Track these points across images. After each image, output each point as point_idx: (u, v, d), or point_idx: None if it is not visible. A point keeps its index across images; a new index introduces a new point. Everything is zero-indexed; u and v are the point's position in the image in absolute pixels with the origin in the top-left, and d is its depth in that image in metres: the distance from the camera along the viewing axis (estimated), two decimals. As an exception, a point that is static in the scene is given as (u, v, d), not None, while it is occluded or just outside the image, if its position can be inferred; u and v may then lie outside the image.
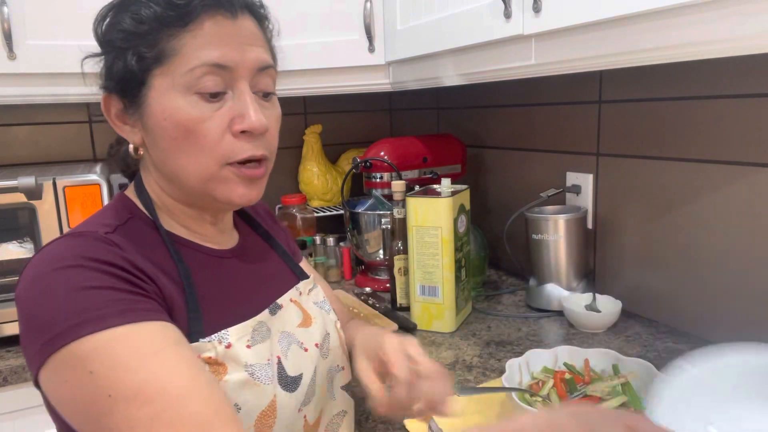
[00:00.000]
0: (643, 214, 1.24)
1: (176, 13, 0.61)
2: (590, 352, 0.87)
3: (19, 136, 1.56)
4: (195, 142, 0.62)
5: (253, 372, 0.63)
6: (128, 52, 0.63)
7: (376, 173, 1.56)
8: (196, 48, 0.61)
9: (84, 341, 0.52)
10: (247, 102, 0.63)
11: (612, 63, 0.87)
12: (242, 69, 0.63)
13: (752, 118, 1.02)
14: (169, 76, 0.62)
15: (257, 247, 0.80)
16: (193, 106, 0.62)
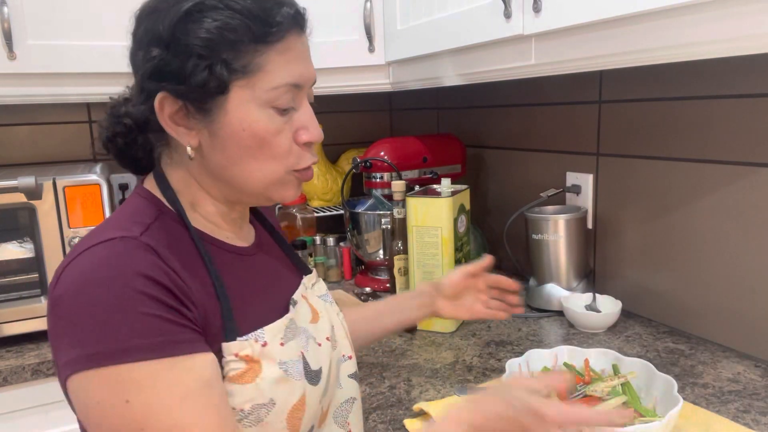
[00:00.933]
0: (643, 214, 1.24)
1: (268, 30, 0.63)
2: (590, 351, 0.87)
3: (19, 136, 1.56)
4: (269, 151, 0.66)
5: (286, 369, 0.65)
6: (213, 60, 0.62)
7: (376, 173, 1.56)
8: (281, 66, 0.64)
9: (127, 368, 0.54)
10: (310, 116, 0.68)
11: (612, 63, 0.87)
12: (307, 86, 0.68)
13: (752, 118, 1.02)
14: (250, 89, 0.63)
15: (268, 242, 0.82)
16: (270, 119, 0.65)
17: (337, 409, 0.78)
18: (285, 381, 0.65)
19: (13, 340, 1.20)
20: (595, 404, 0.76)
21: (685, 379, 0.98)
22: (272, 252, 0.81)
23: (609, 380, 0.80)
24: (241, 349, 0.62)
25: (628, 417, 0.62)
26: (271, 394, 0.63)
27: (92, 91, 1.30)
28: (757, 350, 1.05)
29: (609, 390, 0.77)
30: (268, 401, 0.63)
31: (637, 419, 0.71)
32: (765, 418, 0.85)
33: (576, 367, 0.87)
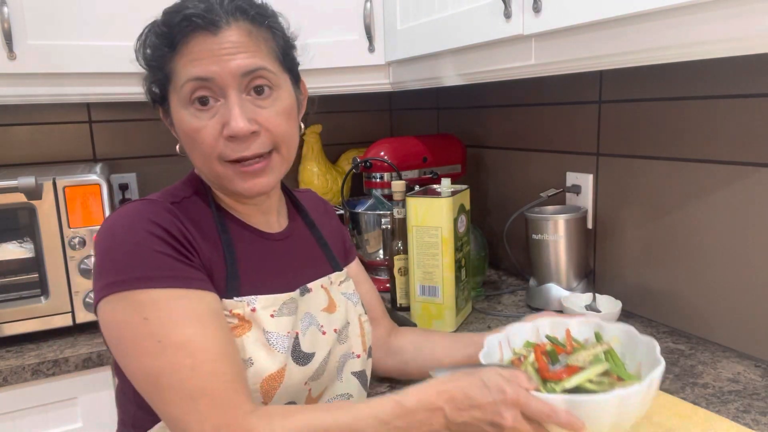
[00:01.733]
0: (643, 214, 1.24)
1: (165, 40, 0.72)
2: (571, 321, 0.83)
3: (19, 136, 1.56)
4: (198, 146, 0.73)
5: (269, 338, 0.73)
6: (151, 74, 0.75)
7: (376, 173, 1.56)
8: (183, 66, 0.72)
9: (145, 292, 0.65)
10: (229, 109, 0.71)
11: (612, 63, 0.87)
12: (226, 78, 0.71)
13: (752, 118, 1.02)
14: (175, 93, 0.73)
15: (302, 234, 0.89)
16: (193, 116, 0.72)
17: (330, 399, 0.83)
18: (267, 348, 0.72)
19: (13, 340, 1.20)
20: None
21: (685, 379, 0.98)
22: (304, 243, 0.88)
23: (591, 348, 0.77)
24: (234, 307, 0.72)
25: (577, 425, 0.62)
26: (251, 353, 0.71)
27: (92, 91, 1.30)
28: (757, 350, 1.05)
29: (591, 358, 0.74)
30: (247, 358, 0.71)
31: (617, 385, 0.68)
32: (765, 418, 0.85)
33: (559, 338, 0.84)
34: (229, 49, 0.71)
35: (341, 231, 0.99)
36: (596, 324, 0.82)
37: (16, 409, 1.13)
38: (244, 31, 0.73)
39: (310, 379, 0.78)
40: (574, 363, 0.73)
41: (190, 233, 0.72)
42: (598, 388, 0.67)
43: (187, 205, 0.76)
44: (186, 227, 0.72)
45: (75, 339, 1.21)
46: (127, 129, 1.65)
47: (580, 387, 0.67)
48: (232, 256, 0.75)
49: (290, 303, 0.77)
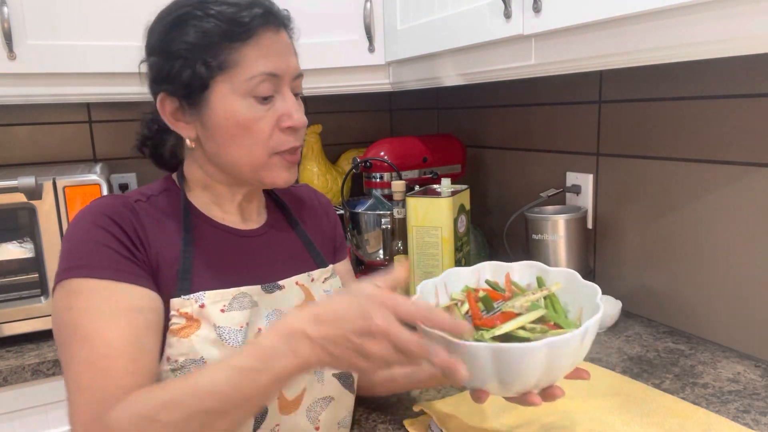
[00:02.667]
0: (643, 214, 1.24)
1: (239, 29, 0.72)
2: (514, 266, 0.78)
3: (19, 136, 1.56)
4: (250, 137, 0.74)
5: (221, 333, 0.72)
6: (194, 61, 0.72)
7: (376, 173, 1.56)
8: (254, 59, 0.72)
9: (78, 281, 0.67)
10: (291, 104, 0.76)
11: (612, 63, 0.87)
12: (287, 76, 0.76)
13: (752, 118, 1.02)
14: (229, 83, 0.72)
15: (281, 230, 0.88)
16: (250, 108, 0.73)
17: (312, 404, 0.80)
18: (219, 345, 0.71)
19: (13, 340, 1.20)
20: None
21: (685, 379, 0.98)
22: (283, 240, 0.87)
23: (530, 294, 0.72)
24: (182, 306, 0.71)
25: (464, 329, 0.58)
26: (203, 352, 0.70)
27: (92, 91, 1.30)
28: (757, 350, 1.05)
29: (528, 304, 0.69)
30: (199, 359, 0.70)
31: (551, 333, 0.63)
32: (765, 418, 0.85)
33: (499, 284, 0.79)
34: (288, 48, 0.77)
35: (334, 228, 0.98)
36: (539, 268, 0.77)
37: (16, 409, 1.13)
38: (288, 36, 0.79)
39: None
40: (509, 309, 0.68)
41: (145, 230, 0.73)
42: (530, 335, 0.63)
43: (155, 202, 0.77)
44: (141, 223, 0.73)
45: (75, 339, 1.21)
46: (127, 129, 1.65)
47: (512, 335, 0.64)
48: (188, 254, 0.75)
49: (241, 297, 0.76)
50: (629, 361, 1.05)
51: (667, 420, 0.84)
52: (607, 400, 0.89)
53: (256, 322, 0.77)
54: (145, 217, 0.74)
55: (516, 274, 0.78)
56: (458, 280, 0.78)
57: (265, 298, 0.79)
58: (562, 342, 0.59)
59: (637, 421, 0.83)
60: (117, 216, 0.71)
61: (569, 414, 0.86)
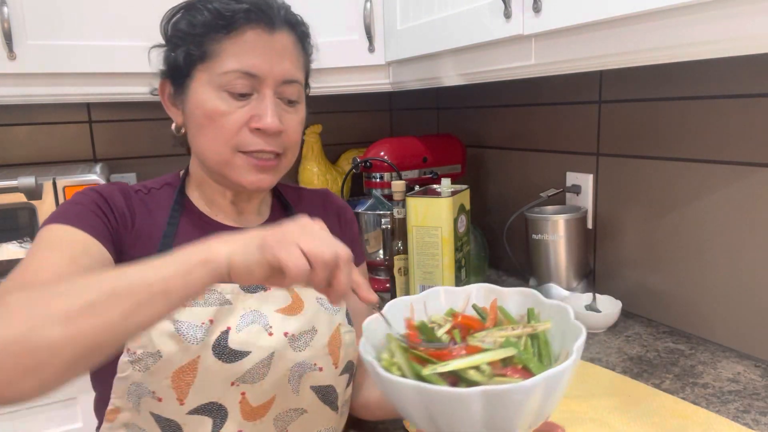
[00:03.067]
0: (643, 214, 1.24)
1: (222, 22, 0.72)
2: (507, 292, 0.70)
3: (19, 136, 1.56)
4: (215, 129, 0.74)
5: (179, 328, 0.71)
6: (181, 48, 0.75)
7: (376, 173, 1.56)
8: (233, 54, 0.73)
9: (47, 226, 0.70)
10: (266, 106, 0.74)
11: (612, 63, 0.87)
12: (269, 79, 0.74)
13: (752, 118, 1.02)
14: (207, 73, 0.74)
15: None
16: (221, 101, 0.73)
17: (281, 413, 0.77)
18: (176, 339, 0.70)
19: (13, 340, 1.20)
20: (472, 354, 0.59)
21: (685, 379, 0.98)
22: None
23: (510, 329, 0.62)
24: None
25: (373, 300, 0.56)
26: (159, 345, 0.70)
27: (92, 91, 1.30)
28: (757, 350, 1.05)
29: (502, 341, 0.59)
30: (155, 351, 0.70)
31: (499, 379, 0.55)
32: (765, 418, 0.85)
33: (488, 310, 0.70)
34: (279, 51, 0.75)
35: (346, 235, 0.93)
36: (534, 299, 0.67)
37: (16, 409, 1.13)
38: (292, 41, 0.77)
39: (240, 381, 0.73)
40: (476, 343, 0.59)
41: (134, 215, 0.76)
42: (480, 378, 0.55)
43: (153, 195, 0.80)
44: (132, 209, 0.76)
45: (75, 339, 1.21)
46: (127, 129, 1.65)
47: (462, 374, 0.55)
48: (167, 247, 0.75)
49: (210, 293, 0.74)
50: (629, 361, 1.05)
51: (667, 420, 0.84)
52: (607, 400, 0.89)
53: (226, 320, 0.74)
54: (139, 205, 0.77)
55: (509, 301, 0.69)
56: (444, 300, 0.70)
57: (244, 297, 0.76)
58: (501, 392, 0.49)
59: (637, 421, 0.83)
60: (108, 194, 0.75)
61: (569, 414, 0.86)
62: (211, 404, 0.72)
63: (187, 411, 0.71)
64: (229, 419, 0.73)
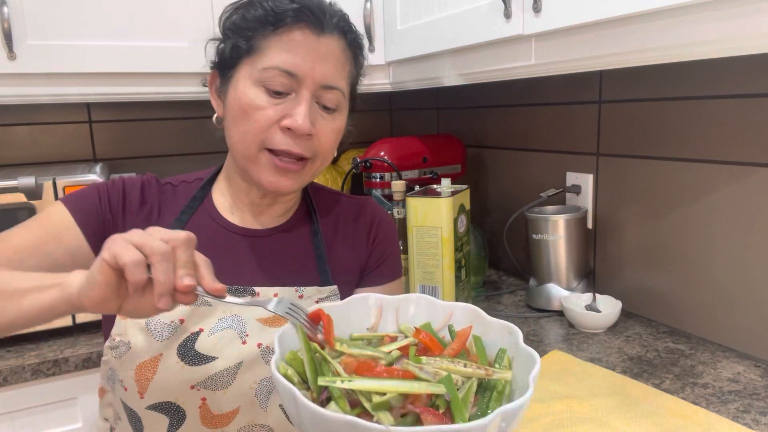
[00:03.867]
0: (643, 214, 1.24)
1: (272, 18, 0.73)
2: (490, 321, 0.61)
3: (19, 136, 1.56)
4: (247, 122, 0.74)
5: (148, 323, 0.73)
6: (231, 41, 0.75)
7: (376, 173, 1.56)
8: (276, 51, 0.73)
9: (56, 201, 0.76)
10: (300, 106, 0.73)
11: (612, 63, 0.87)
12: (308, 80, 0.73)
13: (752, 118, 1.02)
14: (250, 67, 0.74)
15: (295, 238, 0.84)
16: (257, 96, 0.73)
17: (245, 426, 0.75)
18: (144, 333, 0.72)
19: (13, 340, 1.20)
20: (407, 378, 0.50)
21: (685, 379, 0.98)
22: (286, 248, 0.83)
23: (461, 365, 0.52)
24: None
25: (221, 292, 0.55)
26: (131, 337, 0.72)
27: (92, 91, 1.30)
28: (757, 350, 1.05)
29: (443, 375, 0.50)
30: (127, 341, 0.72)
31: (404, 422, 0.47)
32: (765, 418, 0.85)
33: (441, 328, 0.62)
34: (323, 54, 0.74)
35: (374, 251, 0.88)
36: (512, 341, 0.57)
37: (16, 409, 1.13)
38: (339, 47, 0.76)
39: (201, 386, 0.72)
40: (411, 368, 0.51)
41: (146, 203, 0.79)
42: (378, 409, 0.48)
43: (182, 188, 0.83)
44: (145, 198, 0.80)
45: (75, 339, 1.21)
46: (127, 129, 1.65)
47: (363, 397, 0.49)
48: None
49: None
50: (629, 361, 1.05)
51: (667, 420, 0.84)
52: (607, 400, 0.89)
53: (200, 322, 0.74)
54: (162, 197, 0.80)
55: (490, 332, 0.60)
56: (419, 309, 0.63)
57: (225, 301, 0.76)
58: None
59: (637, 421, 0.83)
60: (130, 184, 0.79)
61: (569, 414, 0.86)
62: (168, 404, 0.72)
63: (146, 405, 0.72)
64: (186, 422, 0.73)
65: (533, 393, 0.47)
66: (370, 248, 0.89)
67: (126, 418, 0.75)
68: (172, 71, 1.31)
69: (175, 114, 1.65)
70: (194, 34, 1.30)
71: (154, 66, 1.30)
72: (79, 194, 0.77)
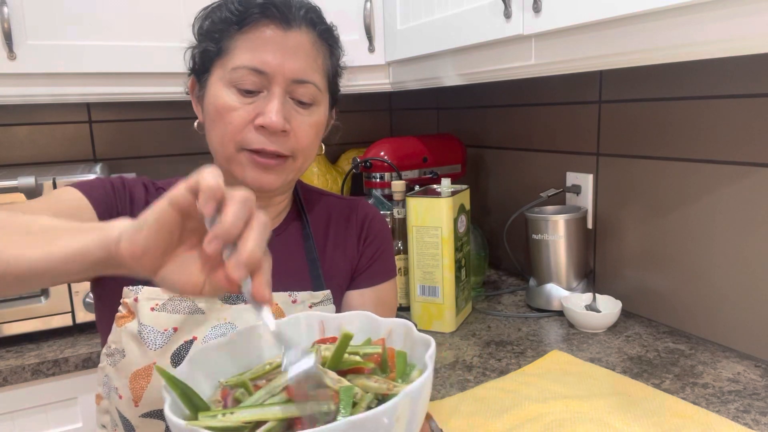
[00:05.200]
0: (643, 214, 1.24)
1: (236, 18, 0.72)
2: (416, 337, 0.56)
3: (19, 136, 1.56)
4: (223, 125, 0.73)
5: (141, 331, 0.72)
6: (203, 45, 0.76)
7: (376, 173, 1.56)
8: (244, 50, 0.72)
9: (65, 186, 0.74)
10: (272, 103, 0.72)
11: (612, 63, 0.87)
12: (278, 76, 0.72)
13: (752, 118, 1.02)
14: (222, 69, 0.74)
15: (286, 243, 0.83)
16: (230, 96, 0.73)
17: None
18: (138, 342, 0.72)
19: (13, 340, 1.20)
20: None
21: (685, 379, 0.98)
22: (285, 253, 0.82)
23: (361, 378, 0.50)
24: (125, 296, 0.74)
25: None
26: (125, 345, 0.72)
27: (92, 91, 1.30)
28: (757, 350, 1.05)
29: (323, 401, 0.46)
30: (121, 349, 0.72)
31: None
32: (765, 418, 0.85)
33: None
34: (292, 48, 0.73)
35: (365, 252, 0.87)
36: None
37: (16, 409, 1.13)
38: (309, 40, 0.75)
39: None
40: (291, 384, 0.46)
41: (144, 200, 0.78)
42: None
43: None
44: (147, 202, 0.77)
45: (75, 339, 1.21)
46: (127, 129, 1.65)
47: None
48: None
49: (179, 301, 0.73)
50: (629, 361, 1.05)
51: (667, 420, 0.84)
52: (607, 400, 0.89)
53: (193, 330, 0.73)
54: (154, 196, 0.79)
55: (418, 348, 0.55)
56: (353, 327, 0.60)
57: (221, 308, 0.74)
58: None
59: (637, 421, 0.83)
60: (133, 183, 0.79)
61: (569, 414, 0.86)
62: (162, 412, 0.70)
63: (140, 414, 0.72)
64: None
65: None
66: (361, 249, 0.88)
67: (122, 426, 0.74)
68: (172, 71, 1.31)
69: (175, 114, 1.65)
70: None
71: (154, 66, 1.30)
72: (91, 183, 0.75)
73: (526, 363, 1.06)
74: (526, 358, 1.08)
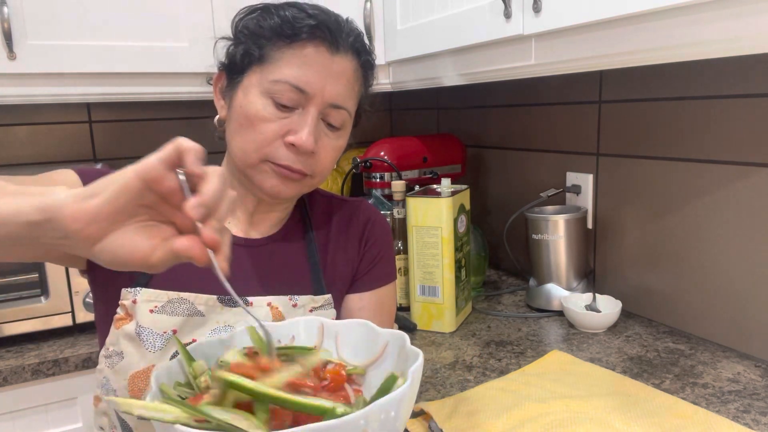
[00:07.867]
0: (643, 214, 1.24)
1: (288, 30, 0.72)
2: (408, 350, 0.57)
3: (19, 136, 1.56)
4: (251, 133, 0.73)
5: (140, 333, 0.72)
6: (243, 45, 0.75)
7: (376, 173, 1.56)
8: (289, 65, 0.72)
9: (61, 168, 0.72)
10: (306, 123, 0.73)
11: (612, 63, 0.87)
12: (318, 98, 0.73)
13: (752, 118, 1.02)
14: (260, 76, 0.73)
15: (288, 247, 0.83)
16: (264, 107, 0.73)
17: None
18: (136, 343, 0.72)
19: (13, 340, 1.20)
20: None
21: (685, 379, 0.98)
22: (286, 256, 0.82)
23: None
24: (123, 298, 0.74)
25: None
26: (123, 347, 0.72)
27: (92, 91, 1.30)
28: (757, 350, 1.05)
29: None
30: (120, 351, 0.72)
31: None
32: (765, 418, 0.85)
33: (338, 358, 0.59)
34: (336, 73, 0.74)
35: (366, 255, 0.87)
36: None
37: (16, 409, 1.13)
38: (352, 67, 0.76)
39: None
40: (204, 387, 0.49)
41: None
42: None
43: None
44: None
45: (75, 339, 1.21)
46: (127, 129, 1.65)
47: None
48: None
49: (178, 303, 0.73)
50: (629, 361, 1.05)
51: (667, 420, 0.84)
52: (607, 400, 0.89)
53: (192, 332, 0.73)
54: None
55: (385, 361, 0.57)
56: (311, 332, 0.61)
57: (221, 311, 0.75)
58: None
59: (637, 421, 0.83)
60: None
61: (569, 414, 0.86)
62: None
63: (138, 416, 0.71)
64: None
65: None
66: (362, 251, 0.88)
67: (120, 428, 0.74)
68: (172, 71, 1.31)
69: (175, 114, 1.65)
70: (194, 34, 1.30)
71: (154, 66, 1.30)
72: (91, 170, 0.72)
73: (526, 363, 1.06)
74: (526, 358, 1.08)
